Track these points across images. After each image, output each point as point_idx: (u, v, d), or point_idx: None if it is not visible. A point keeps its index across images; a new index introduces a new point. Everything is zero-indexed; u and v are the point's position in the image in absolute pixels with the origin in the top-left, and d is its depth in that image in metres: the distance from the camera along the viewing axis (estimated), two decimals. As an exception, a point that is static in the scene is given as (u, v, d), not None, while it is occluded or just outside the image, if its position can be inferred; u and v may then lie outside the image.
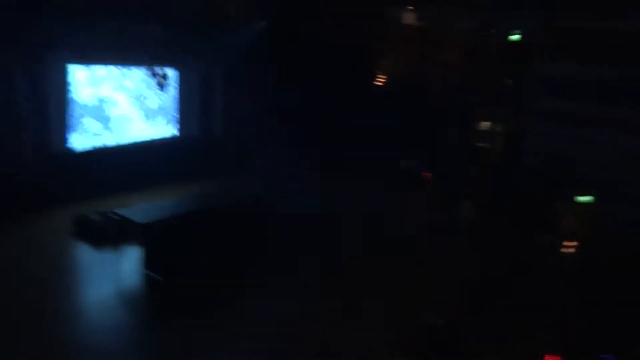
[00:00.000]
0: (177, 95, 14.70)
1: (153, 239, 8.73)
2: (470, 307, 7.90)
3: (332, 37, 16.06)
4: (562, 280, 9.02)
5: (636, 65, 11.91)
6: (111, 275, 8.64)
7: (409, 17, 17.11)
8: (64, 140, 11.96)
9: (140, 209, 9.08)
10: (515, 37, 14.42)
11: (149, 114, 14.06)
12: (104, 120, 12.81)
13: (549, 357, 6.02)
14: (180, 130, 15.00)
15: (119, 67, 12.84)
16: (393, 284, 8.92)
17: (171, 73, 14.22)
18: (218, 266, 9.04)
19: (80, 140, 12.32)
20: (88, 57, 11.91)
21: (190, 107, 15.10)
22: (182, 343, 6.84)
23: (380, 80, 17.80)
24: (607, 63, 12.38)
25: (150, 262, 8.74)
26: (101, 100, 12.61)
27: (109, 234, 9.60)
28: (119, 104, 13.09)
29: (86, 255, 9.45)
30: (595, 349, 6.22)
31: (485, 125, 15.63)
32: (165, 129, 14.62)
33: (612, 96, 12.33)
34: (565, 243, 9.68)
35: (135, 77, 13.41)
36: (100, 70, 12.44)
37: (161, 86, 13.03)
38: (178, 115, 14.87)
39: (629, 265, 8.97)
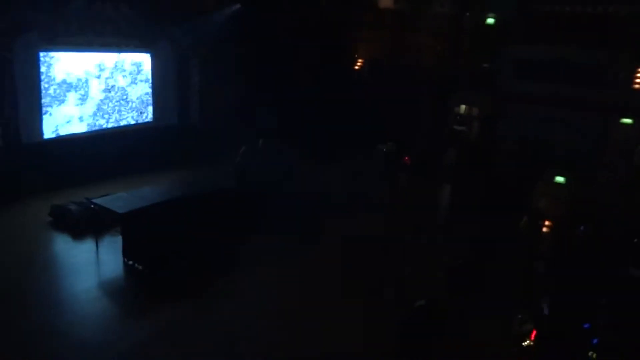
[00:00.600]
0: (151, 81, 14.39)
1: (132, 227, 8.63)
2: (451, 286, 8.13)
3: (309, 21, 15.96)
4: (540, 259, 9.30)
5: (610, 47, 12.20)
6: (91, 265, 8.51)
7: (385, 1, 17.11)
8: (35, 129, 11.61)
9: (118, 198, 8.93)
10: (490, 20, 14.59)
11: (123, 100, 13.74)
12: (76, 107, 12.47)
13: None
14: (156, 116, 14.72)
15: (91, 51, 12.46)
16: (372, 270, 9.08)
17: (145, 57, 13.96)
18: (198, 253, 9.01)
19: (52, 128, 11.98)
20: (59, 42, 11.52)
21: (165, 93, 14.82)
22: (164, 331, 6.81)
23: (358, 64, 17.84)
24: (580, 45, 12.64)
25: (129, 251, 8.65)
26: (73, 87, 12.25)
27: (87, 224, 9.42)
28: (91, 90, 12.74)
29: (65, 246, 9.26)
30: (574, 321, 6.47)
31: (462, 109, 15.84)
32: (140, 115, 14.32)
33: (586, 78, 12.59)
34: (541, 222, 9.94)
35: (108, 61, 13.06)
36: (71, 55, 12.05)
37: None
38: (153, 101, 14.58)
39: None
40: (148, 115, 14.54)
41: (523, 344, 6.39)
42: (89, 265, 8.51)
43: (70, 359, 6.17)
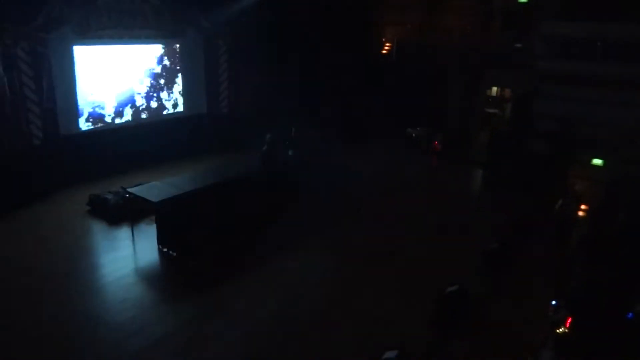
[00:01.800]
0: (181, 71, 14.59)
1: (166, 215, 8.85)
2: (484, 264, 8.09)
3: (336, 5, 15.77)
4: (574, 242, 9.07)
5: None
6: (127, 252, 8.81)
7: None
8: (72, 121, 11.99)
9: (152, 187, 9.16)
10: (522, -1, 14.08)
11: (155, 91, 14.00)
12: (110, 99, 12.79)
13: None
14: (186, 106, 14.95)
15: (122, 44, 12.71)
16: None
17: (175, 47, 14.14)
18: (230, 239, 9.19)
19: (88, 120, 12.35)
20: (91, 36, 11.80)
21: (195, 82, 14.99)
22: (198, 317, 7.00)
23: (386, 48, 17.56)
24: (613, 21, 12.03)
25: (164, 239, 8.89)
26: (107, 79, 12.55)
27: (123, 213, 9.73)
28: (123, 82, 13.03)
29: (102, 233, 9.60)
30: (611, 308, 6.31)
31: (493, 91, 15.42)
32: (171, 105, 14.57)
33: (625, 55, 12.01)
34: (577, 205, 9.65)
35: (139, 53, 13.30)
36: (104, 48, 12.33)
37: None
38: (183, 91, 14.79)
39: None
40: (179, 105, 14.78)
41: (558, 330, 6.27)
42: (125, 252, 8.81)
43: (109, 341, 6.41)
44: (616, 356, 5.79)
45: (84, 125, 12.24)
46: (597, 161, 11.08)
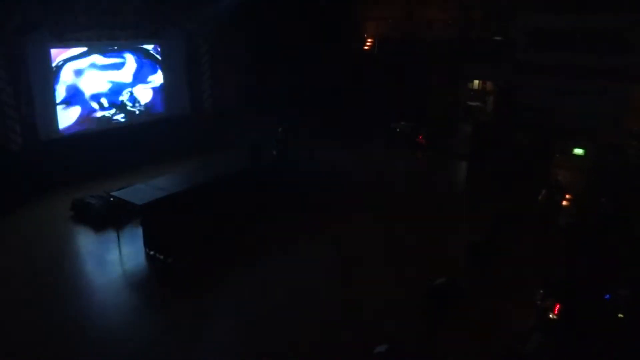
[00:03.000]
0: (162, 70, 14.40)
1: (151, 218, 8.75)
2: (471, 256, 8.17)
3: (317, 3, 15.71)
4: (558, 230, 9.22)
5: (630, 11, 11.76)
6: (113, 256, 8.69)
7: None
8: (51, 126, 11.76)
9: (137, 189, 9.02)
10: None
11: (134, 92, 13.81)
12: (90, 102, 12.57)
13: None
14: (168, 105, 14.76)
15: (101, 44, 12.50)
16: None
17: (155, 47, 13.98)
18: (218, 239, 9.13)
19: (67, 123, 12.12)
20: (68, 38, 11.58)
21: (176, 81, 14.82)
22: (188, 318, 6.94)
23: (368, 44, 17.58)
24: (596, 10, 12.23)
25: (150, 241, 8.79)
26: (85, 81, 12.34)
27: (108, 217, 9.59)
28: (103, 84, 12.82)
29: (87, 238, 9.45)
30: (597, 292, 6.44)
31: (475, 84, 15.55)
32: (152, 105, 14.39)
33: (603, 44, 12.20)
34: (561, 195, 9.79)
35: (119, 54, 13.10)
36: (83, 50, 12.11)
37: None
38: (165, 91, 14.61)
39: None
40: (160, 105, 14.59)
41: (547, 317, 6.36)
42: (111, 256, 8.69)
43: (97, 348, 6.32)
44: (602, 340, 5.90)
45: (63, 129, 11.99)
46: (579, 150, 11.26)
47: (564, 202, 9.77)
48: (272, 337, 6.59)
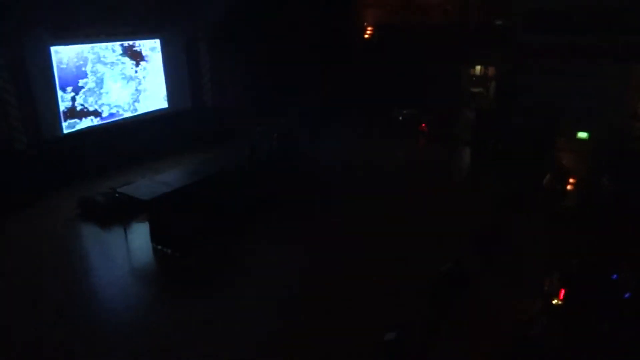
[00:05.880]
0: (163, 66, 14.40)
1: (158, 213, 8.82)
2: (476, 242, 8.22)
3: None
4: (563, 215, 9.23)
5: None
6: (121, 252, 8.77)
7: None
8: (54, 124, 11.80)
9: (141, 185, 9.10)
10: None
11: (136, 89, 13.82)
12: (92, 98, 12.60)
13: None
14: (170, 101, 14.79)
15: (101, 42, 12.49)
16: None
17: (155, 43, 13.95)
18: (223, 231, 9.20)
19: (71, 122, 12.16)
20: (68, 35, 11.57)
21: (177, 77, 14.82)
22: (199, 312, 7.03)
23: (368, 33, 17.48)
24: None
25: (157, 236, 8.87)
26: (87, 78, 12.35)
27: (114, 213, 9.65)
28: (105, 81, 12.83)
29: (95, 236, 9.53)
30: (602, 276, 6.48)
31: (477, 70, 15.47)
32: (154, 101, 14.41)
33: (604, 24, 12.08)
34: (565, 179, 9.79)
35: (118, 50, 13.09)
36: (84, 47, 12.11)
37: None
38: (166, 87, 14.62)
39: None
40: (162, 101, 14.61)
41: (552, 302, 6.41)
42: (119, 252, 8.76)
43: (111, 343, 6.41)
44: (606, 322, 5.95)
45: (67, 127, 12.04)
46: (582, 134, 11.23)
47: (568, 186, 9.78)
48: (280, 328, 6.66)
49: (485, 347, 6.18)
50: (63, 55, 11.67)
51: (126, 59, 13.30)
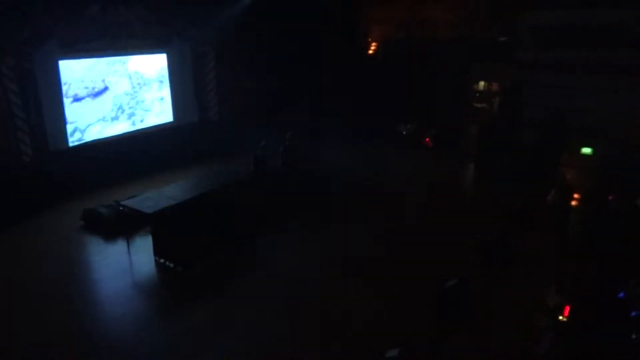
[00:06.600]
0: (169, 80, 14.54)
1: (161, 226, 8.82)
2: (481, 256, 8.16)
3: (321, 7, 15.77)
4: (568, 231, 9.15)
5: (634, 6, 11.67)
6: (124, 265, 8.76)
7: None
8: (60, 137, 11.91)
9: (146, 198, 9.11)
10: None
11: (143, 102, 13.95)
12: (99, 112, 12.72)
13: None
14: (176, 115, 14.90)
15: (109, 56, 12.66)
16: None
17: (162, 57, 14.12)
18: (228, 246, 9.19)
19: (77, 135, 12.27)
20: (77, 49, 11.73)
21: (184, 91, 14.96)
22: (200, 327, 6.98)
23: (372, 48, 17.61)
24: (597, 9, 12.15)
25: (160, 250, 8.86)
26: (94, 92, 12.49)
27: (118, 226, 9.67)
28: (112, 95, 12.97)
29: (98, 248, 9.54)
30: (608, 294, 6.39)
31: (481, 85, 15.50)
32: (160, 116, 14.52)
33: (609, 40, 12.09)
34: (569, 195, 9.73)
35: (126, 64, 13.24)
36: (91, 61, 12.27)
37: None
38: (172, 100, 14.75)
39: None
40: (168, 115, 14.73)
41: (557, 318, 6.33)
42: (122, 265, 8.76)
43: (109, 357, 6.36)
44: (613, 339, 5.86)
45: (73, 140, 12.14)
46: (587, 150, 11.18)
47: (573, 202, 9.71)
48: (282, 343, 6.60)
49: (490, 364, 6.10)
50: (72, 69, 11.82)
51: (132, 73, 13.47)
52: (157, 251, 8.88)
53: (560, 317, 6.21)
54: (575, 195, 9.70)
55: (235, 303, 7.58)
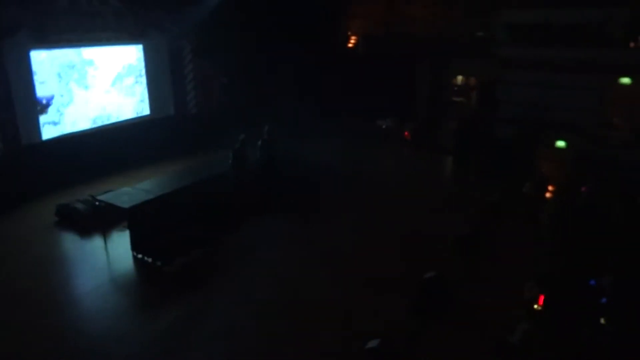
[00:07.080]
0: (145, 73, 14.30)
1: (138, 221, 8.70)
2: (457, 250, 8.29)
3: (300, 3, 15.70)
4: (543, 221, 9.38)
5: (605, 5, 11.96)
6: (101, 261, 8.61)
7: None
8: (33, 130, 11.59)
9: (123, 193, 8.98)
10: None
11: (118, 95, 13.68)
12: (73, 105, 12.43)
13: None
14: (153, 108, 14.67)
15: (82, 47, 12.36)
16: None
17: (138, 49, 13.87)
18: (205, 240, 9.12)
19: (50, 128, 11.97)
20: (49, 40, 11.41)
21: (160, 84, 14.73)
22: (177, 322, 6.92)
23: (352, 42, 17.64)
24: (573, 5, 12.43)
25: (138, 245, 8.74)
26: (67, 84, 12.19)
27: (94, 221, 9.49)
28: (86, 87, 12.68)
29: (73, 244, 9.35)
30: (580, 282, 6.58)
31: (459, 79, 15.71)
32: (136, 109, 14.28)
33: (581, 38, 12.38)
34: (544, 187, 9.97)
35: (100, 56, 12.95)
36: (64, 52, 11.96)
37: None
38: (149, 93, 14.51)
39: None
40: (145, 108, 14.49)
41: (533, 308, 6.49)
42: (99, 261, 8.60)
43: (91, 353, 6.27)
44: (585, 326, 6.04)
45: (46, 133, 11.84)
46: (561, 143, 11.46)
47: (547, 194, 9.96)
48: (262, 337, 6.60)
49: (467, 354, 6.22)
50: (43, 60, 11.51)
51: (109, 65, 13.19)
52: (135, 246, 8.76)
53: (535, 306, 6.37)
54: (550, 187, 9.96)
55: (215, 299, 7.52)
